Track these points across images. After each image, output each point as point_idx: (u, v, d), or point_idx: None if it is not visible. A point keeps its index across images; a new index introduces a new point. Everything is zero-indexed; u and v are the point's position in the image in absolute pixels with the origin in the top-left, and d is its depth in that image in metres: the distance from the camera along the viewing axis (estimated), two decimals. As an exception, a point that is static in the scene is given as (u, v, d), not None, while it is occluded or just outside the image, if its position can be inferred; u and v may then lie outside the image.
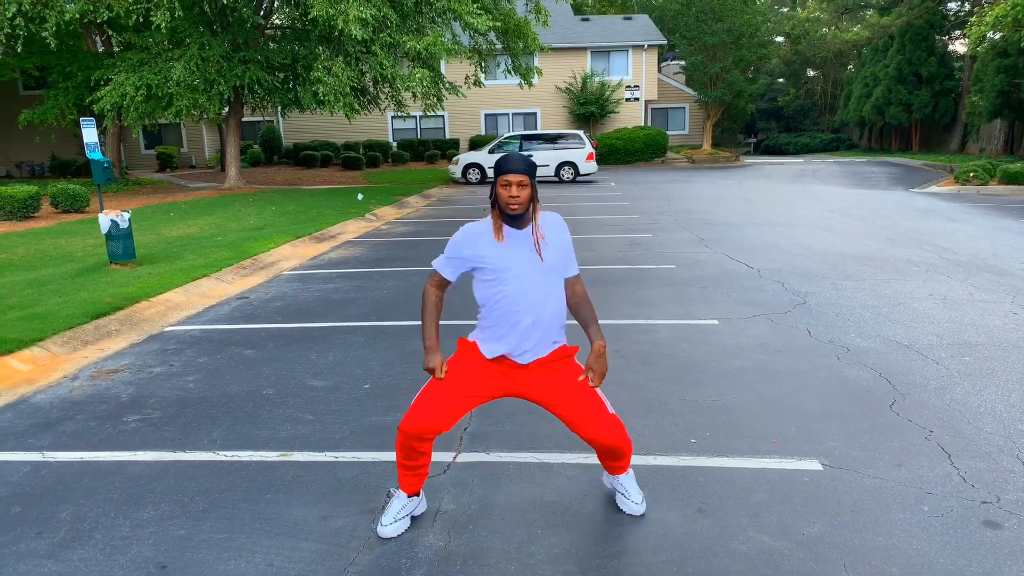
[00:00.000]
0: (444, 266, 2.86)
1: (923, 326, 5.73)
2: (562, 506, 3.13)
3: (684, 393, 4.42)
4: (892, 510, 3.02)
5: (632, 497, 3.06)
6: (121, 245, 8.52)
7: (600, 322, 6.05)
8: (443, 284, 2.90)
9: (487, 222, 2.81)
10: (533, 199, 2.77)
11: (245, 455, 3.71)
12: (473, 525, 2.99)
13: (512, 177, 2.68)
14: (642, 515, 3.04)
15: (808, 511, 3.04)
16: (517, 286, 2.75)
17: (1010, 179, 17.57)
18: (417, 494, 3.02)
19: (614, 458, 2.96)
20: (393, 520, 2.94)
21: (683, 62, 35.26)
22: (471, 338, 2.91)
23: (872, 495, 3.15)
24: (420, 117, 32.54)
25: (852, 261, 8.51)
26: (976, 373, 4.63)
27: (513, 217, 2.76)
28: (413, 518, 3.03)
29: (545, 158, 21.97)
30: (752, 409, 4.14)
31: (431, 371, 2.82)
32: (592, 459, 3.54)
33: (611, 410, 2.91)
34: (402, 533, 2.94)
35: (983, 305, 6.35)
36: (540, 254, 2.77)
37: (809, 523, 2.94)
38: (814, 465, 3.44)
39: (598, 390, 2.91)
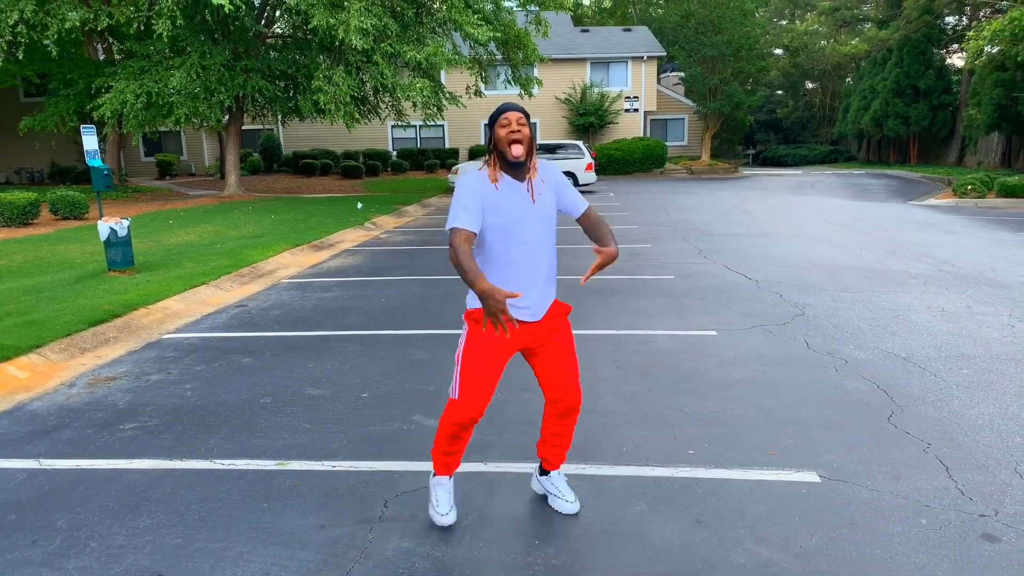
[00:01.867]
0: (467, 218, 2.62)
1: (921, 338, 5.73)
2: (560, 517, 3.12)
3: (682, 404, 4.41)
4: (890, 523, 3.02)
5: (566, 496, 3.15)
6: (120, 252, 8.51)
7: (599, 332, 6.06)
8: (470, 238, 2.62)
9: (483, 172, 2.76)
10: (532, 146, 2.73)
11: (242, 464, 3.70)
12: (471, 536, 2.99)
13: (511, 115, 2.67)
14: (576, 513, 3.12)
15: (806, 523, 3.03)
16: (518, 240, 2.74)
17: (1008, 192, 17.63)
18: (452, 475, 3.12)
19: (570, 422, 3.05)
20: (449, 508, 3.05)
21: (682, 73, 35.43)
22: (473, 305, 2.86)
23: (870, 507, 3.14)
24: (420, 126, 32.64)
25: (850, 273, 8.52)
26: (974, 386, 4.64)
27: (513, 167, 2.72)
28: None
29: (544, 168, 22.00)
30: (750, 420, 4.14)
31: (489, 293, 2.46)
32: (591, 470, 3.54)
33: None
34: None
35: (981, 318, 6.36)
36: (533, 197, 2.77)
37: (807, 535, 2.94)
38: (812, 477, 3.43)
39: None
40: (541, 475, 3.24)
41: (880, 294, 7.35)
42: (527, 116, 2.73)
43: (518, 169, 2.75)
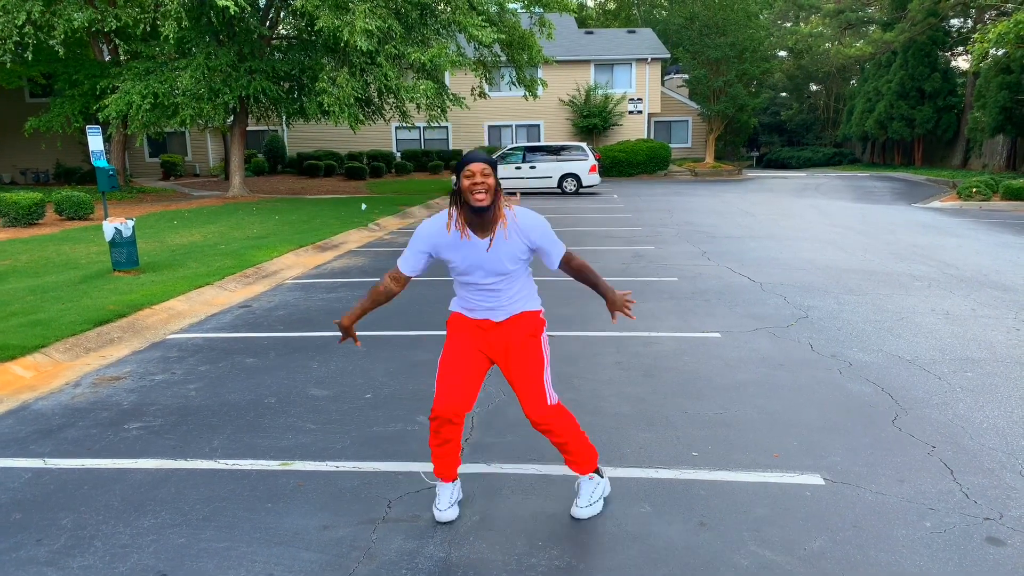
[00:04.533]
0: (406, 264, 2.97)
1: (925, 341, 5.72)
2: (563, 518, 3.12)
3: (686, 406, 4.41)
4: (894, 526, 3.01)
5: (577, 501, 3.15)
6: (125, 252, 8.54)
7: (602, 333, 6.06)
8: (399, 279, 3.02)
9: (442, 218, 2.89)
10: (496, 197, 2.79)
11: (246, 464, 3.70)
12: (474, 536, 2.99)
13: (475, 167, 2.73)
14: (582, 519, 3.11)
15: (810, 526, 3.03)
16: (474, 284, 2.93)
17: (1013, 195, 17.58)
18: (454, 480, 3.16)
19: (553, 439, 3.04)
20: (449, 505, 3.11)
21: (686, 75, 35.40)
22: (452, 307, 3.10)
23: (874, 510, 3.14)
24: (424, 128, 32.67)
25: (854, 275, 8.51)
26: (978, 388, 4.63)
27: (476, 213, 2.76)
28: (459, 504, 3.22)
29: (548, 170, 22.02)
30: (754, 423, 4.13)
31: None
32: (593, 471, 3.54)
33: (552, 399, 2.98)
34: (454, 519, 3.11)
35: (985, 321, 6.35)
36: (490, 246, 2.85)
37: (811, 538, 2.93)
38: (816, 480, 3.43)
39: (546, 380, 2.99)
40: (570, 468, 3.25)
41: (884, 297, 7.34)
42: (493, 166, 2.78)
43: (481, 216, 2.79)
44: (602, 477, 3.24)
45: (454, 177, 2.87)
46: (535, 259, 3.06)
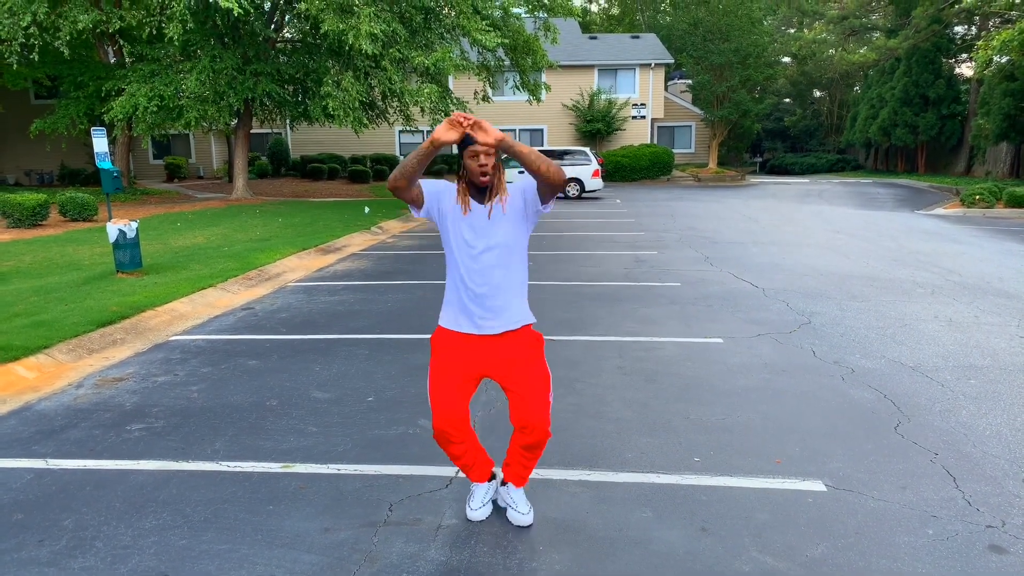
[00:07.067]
0: (426, 184, 2.88)
1: (928, 348, 5.71)
2: (564, 523, 3.12)
3: (688, 411, 4.41)
4: (896, 533, 3.00)
5: (519, 508, 3.13)
6: (128, 254, 8.56)
7: (605, 338, 6.06)
8: (417, 186, 2.83)
9: (453, 186, 2.91)
10: (497, 170, 2.85)
11: (248, 466, 3.71)
12: (475, 540, 2.99)
13: (479, 147, 2.73)
14: (529, 525, 3.10)
15: (812, 532, 3.02)
16: (469, 255, 2.84)
17: (1016, 202, 17.55)
18: (491, 479, 3.22)
19: (533, 451, 3.01)
20: (480, 504, 3.16)
21: (690, 81, 35.47)
22: (439, 322, 3.01)
23: (876, 517, 3.13)
24: (427, 132, 32.70)
25: (857, 282, 8.50)
26: (982, 396, 4.62)
27: (479, 189, 2.84)
28: (493, 503, 3.24)
29: (551, 174, 22.01)
30: (756, 428, 4.13)
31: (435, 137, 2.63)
32: (596, 476, 3.54)
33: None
34: (487, 517, 3.16)
35: (989, 328, 6.34)
36: (490, 216, 2.82)
37: (813, 544, 2.93)
38: (818, 486, 3.42)
39: (550, 396, 2.96)
40: (500, 486, 3.24)
41: (887, 303, 7.33)
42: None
43: (482, 193, 2.87)
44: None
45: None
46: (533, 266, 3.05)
